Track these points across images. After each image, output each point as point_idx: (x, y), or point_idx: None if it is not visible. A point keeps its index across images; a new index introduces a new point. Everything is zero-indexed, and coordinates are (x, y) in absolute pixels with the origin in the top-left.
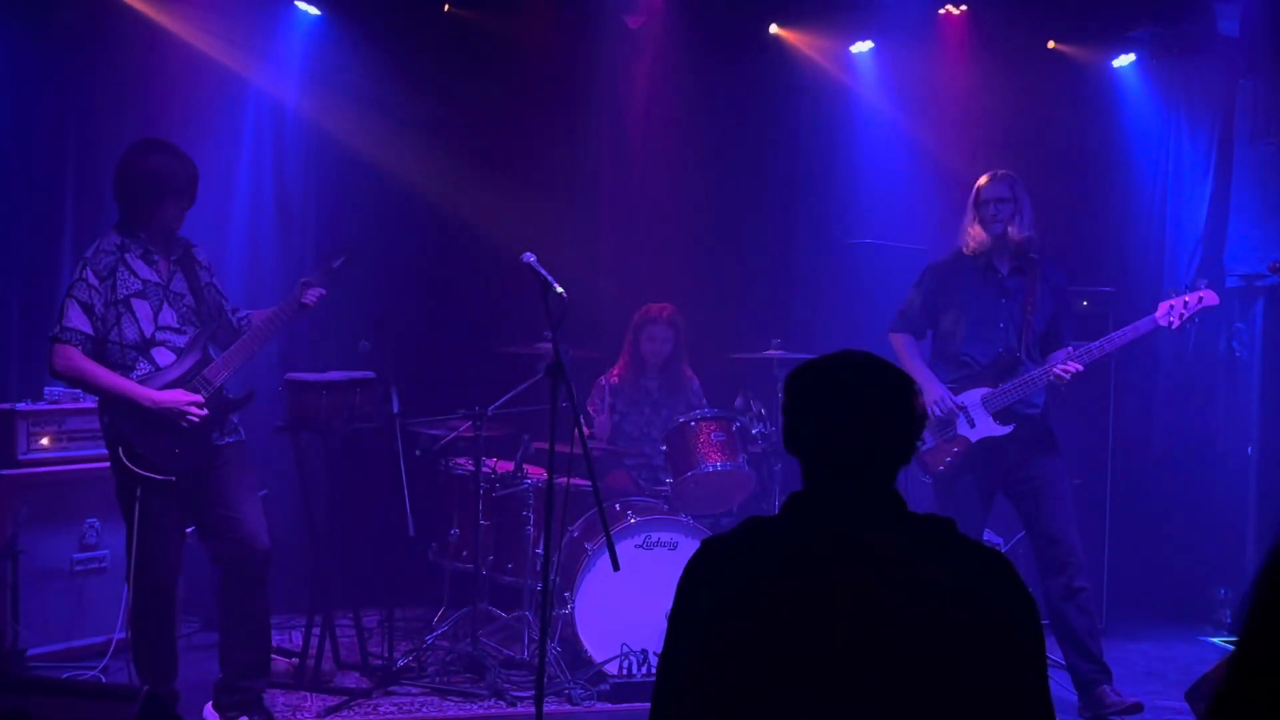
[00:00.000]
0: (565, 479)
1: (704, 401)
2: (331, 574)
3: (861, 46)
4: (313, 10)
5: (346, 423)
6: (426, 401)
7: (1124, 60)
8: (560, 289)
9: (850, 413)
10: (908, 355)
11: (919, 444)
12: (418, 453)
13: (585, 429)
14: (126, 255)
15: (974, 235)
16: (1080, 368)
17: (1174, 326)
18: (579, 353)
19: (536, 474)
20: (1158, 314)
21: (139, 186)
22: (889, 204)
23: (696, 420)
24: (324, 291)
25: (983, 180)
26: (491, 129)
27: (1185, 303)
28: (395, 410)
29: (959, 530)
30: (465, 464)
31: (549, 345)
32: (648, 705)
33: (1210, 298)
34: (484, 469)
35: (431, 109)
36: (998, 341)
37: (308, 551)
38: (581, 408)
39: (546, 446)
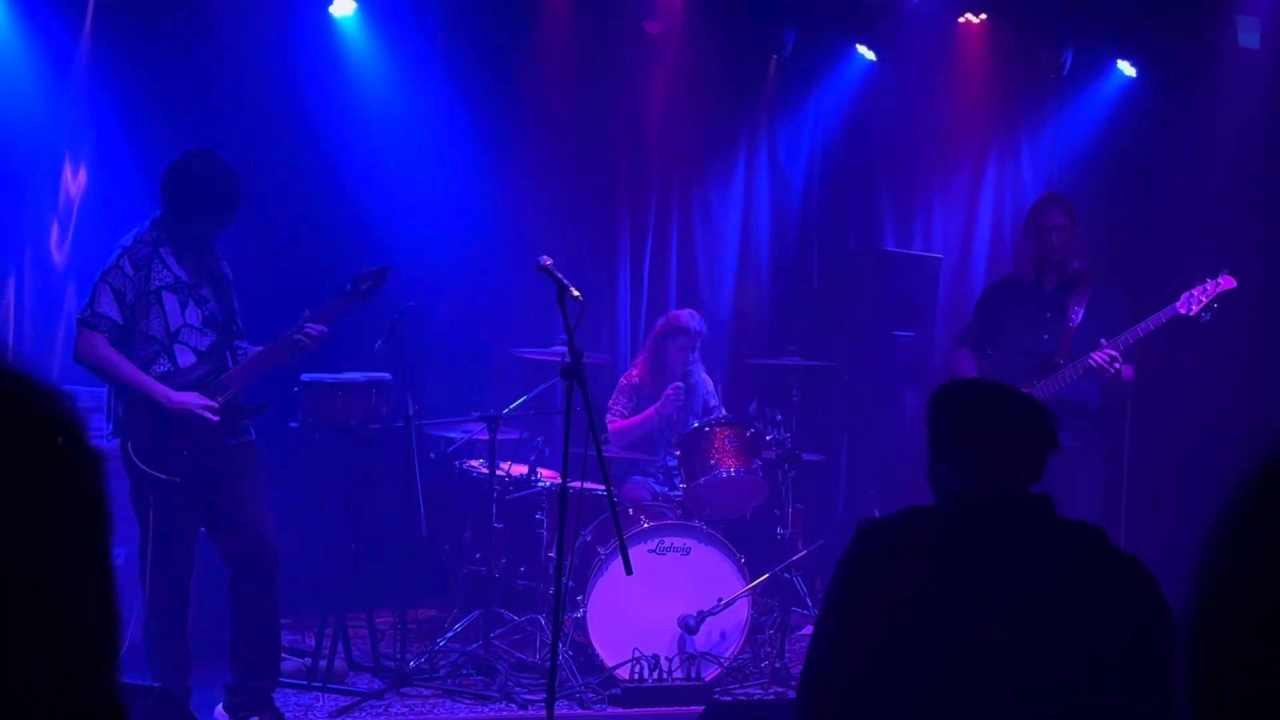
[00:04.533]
0: (579, 482)
1: (719, 402)
2: (345, 574)
3: (870, 54)
4: (347, 10)
5: (362, 424)
6: (442, 404)
7: (1131, 69)
8: (577, 292)
9: (1026, 432)
10: (963, 369)
11: None
12: (432, 455)
13: (603, 434)
14: (161, 249)
15: (1032, 258)
16: (1116, 353)
17: (1193, 313)
18: (593, 357)
19: (550, 477)
20: (1178, 303)
21: (187, 193)
22: (905, 211)
23: (711, 426)
24: (325, 329)
25: (1042, 205)
26: (510, 133)
27: (1204, 289)
28: (410, 412)
29: (1107, 540)
30: (479, 466)
31: (565, 348)
32: (659, 710)
33: (1227, 282)
34: (498, 472)
35: (450, 113)
36: (1040, 353)
37: (321, 551)
38: (598, 410)
39: (560, 449)
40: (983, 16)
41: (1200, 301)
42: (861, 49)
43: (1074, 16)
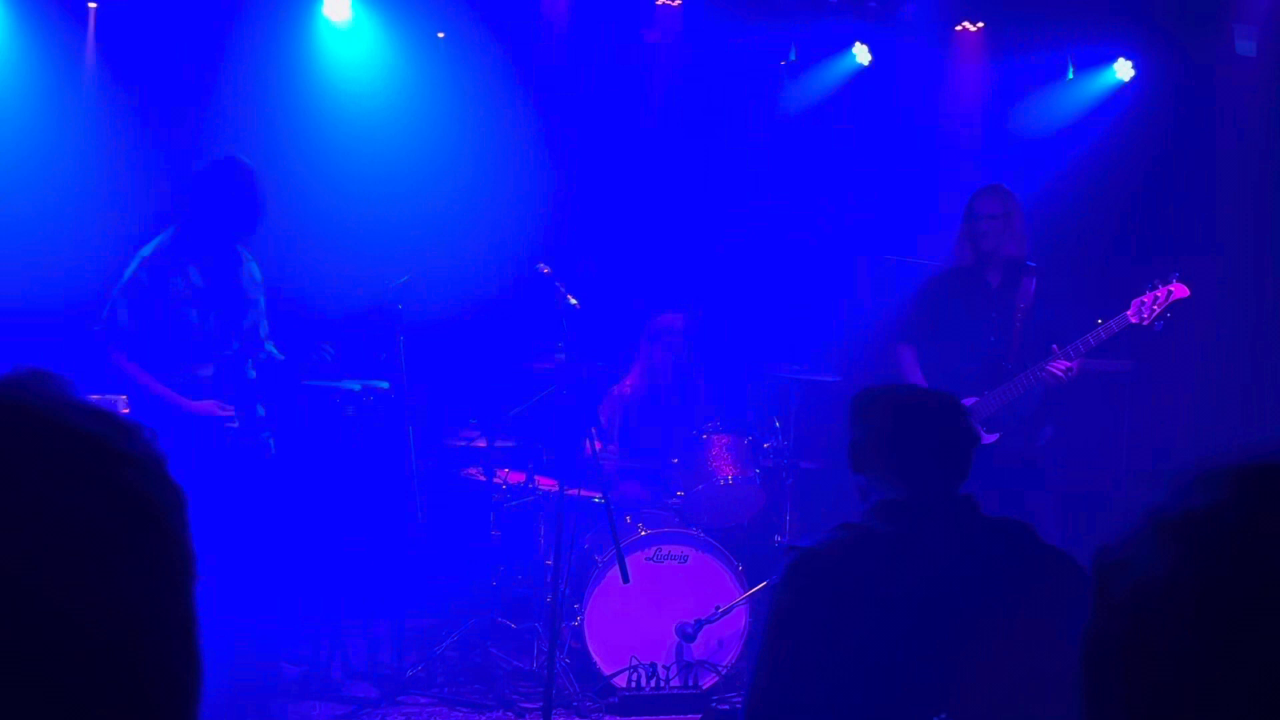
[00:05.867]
0: (577, 490)
1: (711, 406)
2: (342, 582)
3: (867, 58)
4: (340, 17)
5: (361, 431)
6: (440, 411)
7: (1130, 75)
8: (574, 300)
9: (940, 435)
10: (908, 367)
11: None
12: (430, 462)
13: (597, 443)
14: (182, 258)
15: (965, 249)
16: (1071, 364)
17: (1145, 323)
18: (591, 365)
19: (547, 485)
20: (1129, 311)
21: (207, 200)
22: (909, 219)
23: (709, 433)
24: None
25: (978, 194)
26: (510, 142)
27: (1155, 298)
28: (409, 420)
29: (1035, 535)
30: (477, 474)
31: (563, 357)
32: (657, 718)
33: (1180, 290)
34: (496, 479)
35: (449, 120)
36: (986, 352)
37: (318, 559)
38: (594, 419)
39: (558, 458)
40: (980, 25)
41: (1152, 310)
42: (860, 54)
43: (1071, 24)
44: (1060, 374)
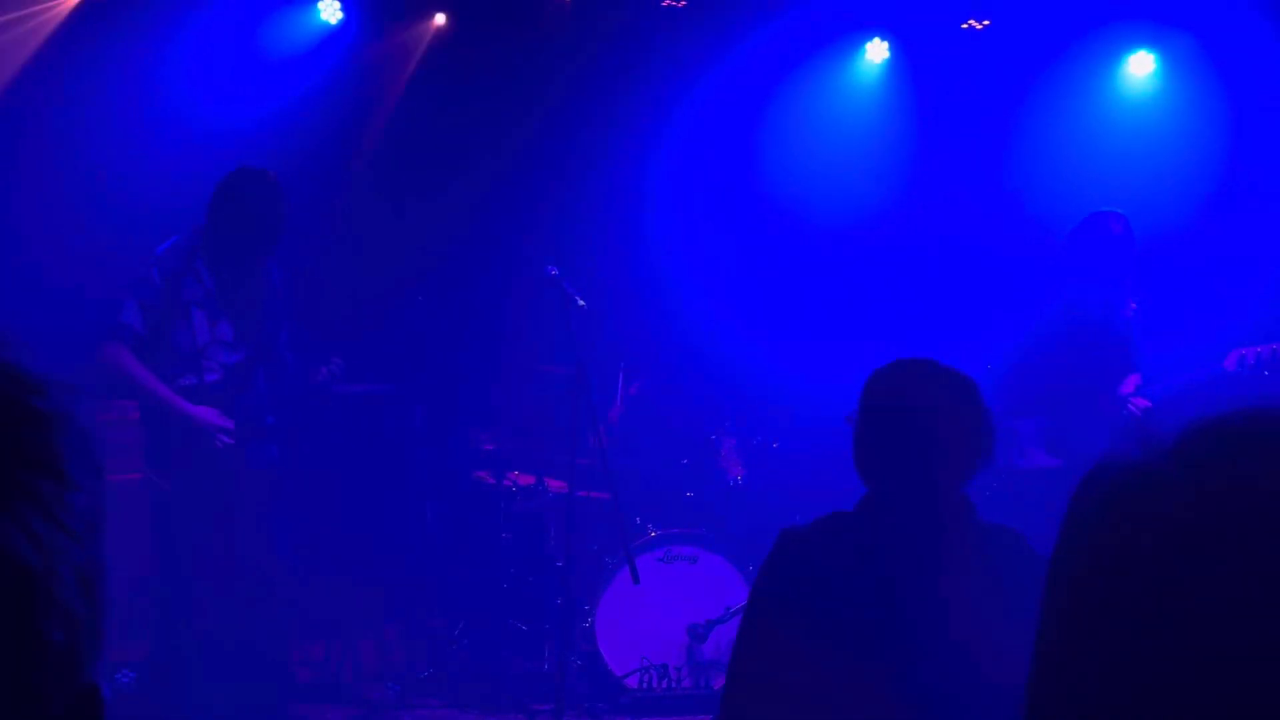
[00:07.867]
0: (586, 492)
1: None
2: (354, 585)
3: (884, 54)
4: (334, 17)
5: (369, 434)
6: (448, 414)
7: (1148, 68)
8: (582, 302)
9: (913, 417)
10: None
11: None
12: (440, 465)
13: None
14: (197, 261)
15: (1091, 274)
16: (1148, 404)
17: (1241, 372)
18: (599, 365)
19: (557, 487)
20: (1226, 361)
21: (226, 209)
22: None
23: (719, 433)
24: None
25: (1105, 217)
26: (515, 135)
27: (1258, 353)
28: (417, 423)
29: (1024, 543)
30: (487, 477)
31: (572, 358)
32: (668, 719)
33: None
34: (505, 482)
35: (455, 113)
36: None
37: (330, 562)
38: (603, 419)
39: (567, 459)
40: (986, 22)
41: (1247, 363)
42: (874, 49)
43: (1079, 20)
44: (1139, 414)
